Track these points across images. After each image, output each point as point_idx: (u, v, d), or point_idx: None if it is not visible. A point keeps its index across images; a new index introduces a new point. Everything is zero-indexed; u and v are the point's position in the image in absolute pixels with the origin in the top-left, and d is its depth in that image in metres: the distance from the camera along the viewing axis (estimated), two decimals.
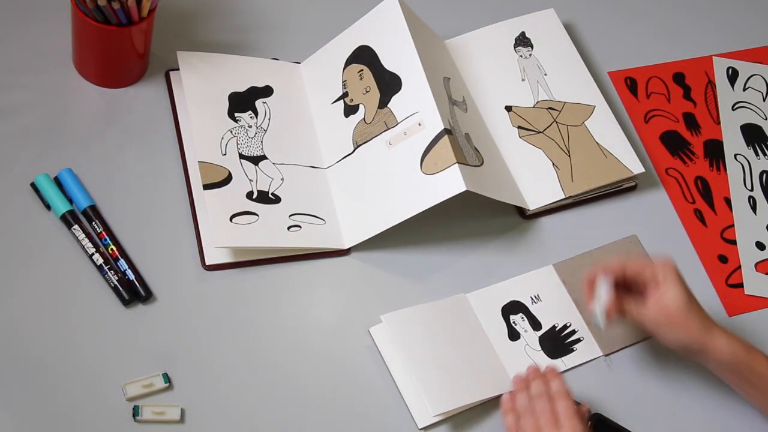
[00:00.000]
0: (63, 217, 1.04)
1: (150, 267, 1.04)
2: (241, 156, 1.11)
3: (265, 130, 1.14)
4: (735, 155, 1.28)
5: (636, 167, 1.19)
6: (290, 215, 1.09)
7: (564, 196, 1.17)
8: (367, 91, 1.15)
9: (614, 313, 1.02)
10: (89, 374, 0.97)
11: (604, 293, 1.02)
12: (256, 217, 1.08)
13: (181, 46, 1.17)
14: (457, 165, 1.05)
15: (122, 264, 1.03)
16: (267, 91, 1.17)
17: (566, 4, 1.35)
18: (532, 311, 1.10)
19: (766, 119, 1.32)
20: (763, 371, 1.00)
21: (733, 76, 1.35)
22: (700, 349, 1.00)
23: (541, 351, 1.08)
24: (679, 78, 1.33)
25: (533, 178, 1.17)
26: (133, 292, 1.02)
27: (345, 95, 1.16)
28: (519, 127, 1.21)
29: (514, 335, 1.08)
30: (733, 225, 1.22)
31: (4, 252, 1.02)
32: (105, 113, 1.13)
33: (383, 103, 1.13)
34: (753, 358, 1.00)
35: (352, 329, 1.06)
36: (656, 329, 1.02)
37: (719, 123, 1.30)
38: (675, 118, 1.30)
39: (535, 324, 1.10)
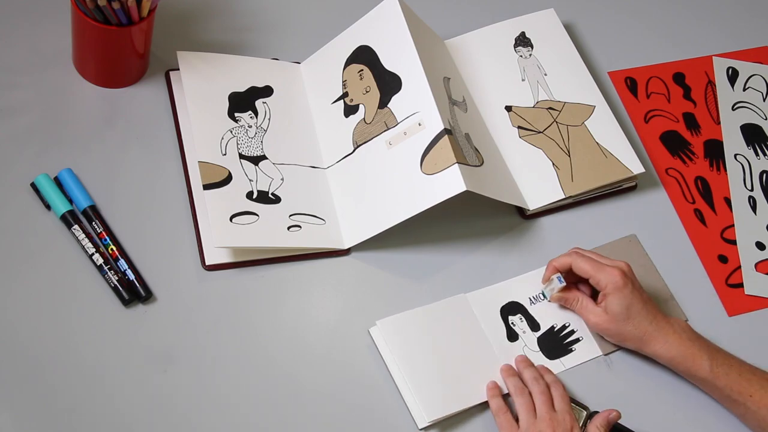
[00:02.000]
0: (63, 217, 1.04)
1: (150, 267, 1.04)
2: (241, 156, 1.11)
3: (265, 130, 1.14)
4: (735, 155, 1.28)
5: (636, 167, 1.19)
6: (290, 215, 1.09)
7: (564, 196, 1.17)
8: (367, 91, 1.15)
9: (559, 302, 1.10)
10: (89, 374, 0.97)
11: (555, 285, 1.08)
12: (256, 217, 1.08)
13: (181, 46, 1.17)
14: (457, 165, 1.05)
15: (122, 264, 1.03)
16: (267, 91, 1.17)
17: (566, 4, 1.35)
18: (530, 312, 1.10)
19: (766, 119, 1.32)
20: (704, 376, 1.04)
21: (733, 76, 1.35)
22: (638, 348, 1.07)
23: (540, 352, 1.08)
24: (679, 78, 1.33)
25: (533, 178, 1.17)
26: (133, 292, 1.02)
27: (345, 95, 1.16)
28: (519, 127, 1.21)
29: (512, 336, 1.08)
30: (733, 225, 1.22)
31: (4, 252, 1.02)
32: (105, 113, 1.13)
33: (383, 103, 1.13)
34: (694, 363, 1.04)
35: (352, 329, 1.06)
36: (596, 332, 1.09)
37: (719, 123, 1.30)
38: (675, 118, 1.30)
39: (534, 325, 1.10)
